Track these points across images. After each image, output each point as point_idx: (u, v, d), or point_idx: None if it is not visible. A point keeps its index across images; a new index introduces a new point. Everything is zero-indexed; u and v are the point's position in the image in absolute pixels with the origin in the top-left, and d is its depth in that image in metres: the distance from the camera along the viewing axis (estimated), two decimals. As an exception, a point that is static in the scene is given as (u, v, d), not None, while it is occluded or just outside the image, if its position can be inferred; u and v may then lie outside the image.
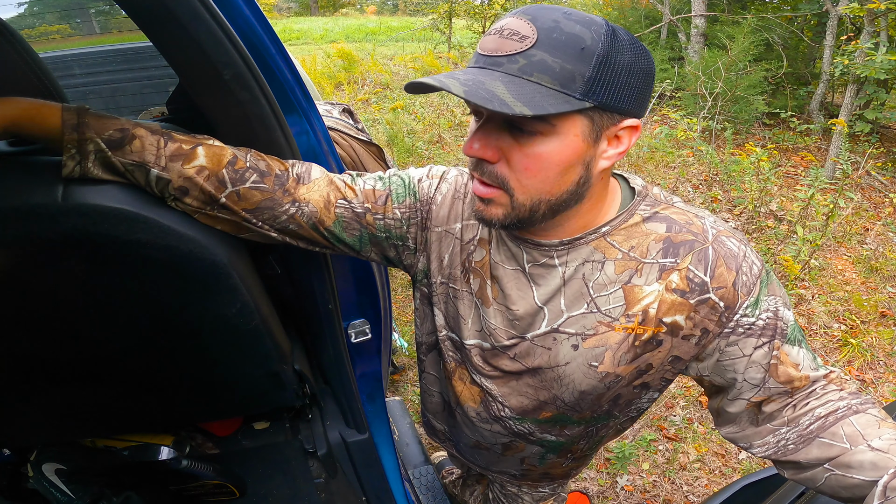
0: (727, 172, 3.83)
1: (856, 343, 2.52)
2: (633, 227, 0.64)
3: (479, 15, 6.80)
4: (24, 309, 0.65)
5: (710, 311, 0.62)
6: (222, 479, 1.07)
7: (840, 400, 0.62)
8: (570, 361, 0.69)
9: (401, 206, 0.74)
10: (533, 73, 0.52)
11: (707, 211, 0.68)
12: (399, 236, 0.76)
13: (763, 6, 5.75)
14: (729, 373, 0.66)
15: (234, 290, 0.75)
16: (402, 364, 2.34)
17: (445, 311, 0.79)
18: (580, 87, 0.52)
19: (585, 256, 0.65)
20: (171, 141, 0.65)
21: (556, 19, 0.52)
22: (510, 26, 0.53)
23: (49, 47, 1.67)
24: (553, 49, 0.51)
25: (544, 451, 0.86)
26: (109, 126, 0.61)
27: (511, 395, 0.77)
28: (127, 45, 1.72)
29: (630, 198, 0.67)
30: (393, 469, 1.21)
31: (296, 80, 0.84)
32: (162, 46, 0.63)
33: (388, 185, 0.75)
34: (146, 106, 1.64)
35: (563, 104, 0.52)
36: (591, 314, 0.66)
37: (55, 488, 0.94)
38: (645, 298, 0.63)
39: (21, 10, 1.68)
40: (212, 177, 0.66)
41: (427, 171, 0.78)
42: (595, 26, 0.52)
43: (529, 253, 0.68)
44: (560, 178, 0.57)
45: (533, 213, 0.60)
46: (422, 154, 4.43)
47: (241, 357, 0.86)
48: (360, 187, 0.74)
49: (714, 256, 0.61)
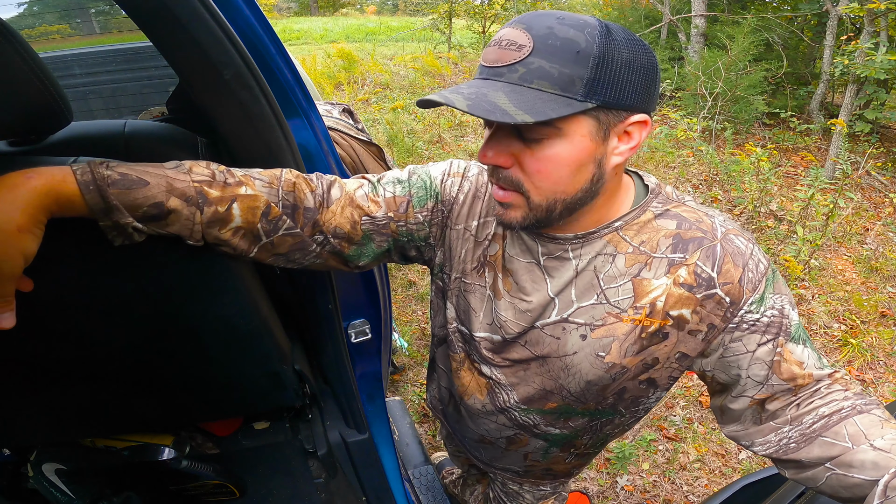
0: (727, 172, 3.83)
1: (856, 343, 2.52)
2: (644, 223, 0.66)
3: (479, 15, 6.80)
4: (23, 309, 0.65)
5: (716, 306, 0.63)
6: (222, 479, 1.07)
7: (844, 400, 0.62)
8: (577, 351, 0.70)
9: (423, 210, 0.75)
10: (533, 81, 0.53)
11: (717, 210, 0.69)
12: (421, 238, 0.77)
13: (763, 6, 5.75)
14: (733, 369, 0.66)
15: (234, 290, 0.75)
16: (402, 364, 2.34)
17: (457, 304, 0.80)
18: (581, 89, 0.53)
19: (598, 250, 0.67)
20: (207, 205, 0.61)
21: (549, 26, 0.53)
22: (507, 37, 0.55)
23: (49, 47, 1.67)
24: (550, 55, 0.53)
25: (548, 444, 0.86)
26: (141, 203, 0.57)
27: (518, 384, 0.78)
28: (127, 45, 1.72)
29: (643, 194, 0.68)
30: (393, 469, 1.21)
31: (296, 80, 0.84)
32: (162, 46, 0.63)
33: (409, 189, 0.74)
34: (146, 106, 1.63)
35: (564, 108, 0.53)
36: (600, 305, 0.67)
37: (55, 488, 0.94)
38: (653, 291, 0.65)
39: (21, 10, 1.68)
40: (247, 234, 0.65)
41: (448, 167, 0.77)
42: (589, 28, 0.53)
43: (545, 245, 0.69)
44: (573, 177, 0.59)
45: (550, 212, 0.61)
46: (422, 154, 4.43)
47: (241, 357, 0.86)
48: (382, 196, 0.73)
49: (722, 253, 0.63)
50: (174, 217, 0.60)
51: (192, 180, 0.61)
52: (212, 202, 0.62)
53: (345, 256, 0.74)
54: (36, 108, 0.64)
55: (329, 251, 0.72)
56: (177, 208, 0.60)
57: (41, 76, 0.62)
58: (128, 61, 1.66)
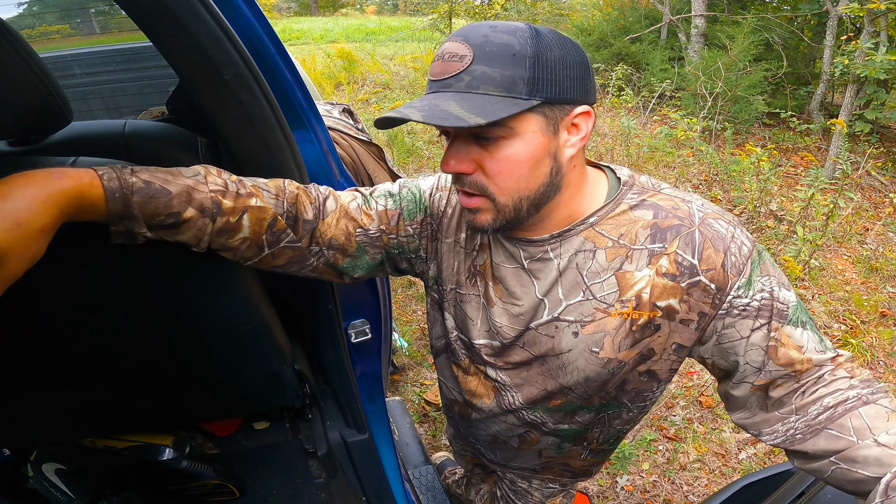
0: (727, 172, 3.84)
1: (856, 343, 2.52)
2: (620, 216, 0.66)
3: (478, 15, 6.80)
4: (23, 309, 0.65)
5: (703, 293, 0.63)
6: (222, 479, 1.07)
7: (850, 389, 0.62)
8: (571, 348, 0.71)
9: (412, 223, 0.77)
10: (479, 87, 0.56)
11: (696, 195, 0.69)
12: (412, 250, 0.79)
13: (763, 6, 5.75)
14: (731, 356, 0.67)
15: (234, 290, 0.75)
16: (402, 364, 2.34)
17: (455, 314, 0.82)
18: (524, 89, 0.56)
19: (577, 247, 0.68)
20: (220, 216, 0.63)
21: (484, 34, 0.56)
22: (449, 50, 0.58)
23: (49, 47, 1.67)
24: (489, 61, 0.56)
25: (560, 440, 0.87)
26: (161, 212, 0.58)
27: (523, 386, 0.79)
28: (127, 45, 1.72)
29: (617, 188, 0.69)
30: (393, 469, 1.21)
31: (296, 80, 0.84)
32: (162, 46, 0.63)
33: (400, 202, 0.77)
34: (146, 106, 1.63)
35: (511, 107, 0.55)
36: (587, 301, 0.68)
37: (55, 488, 0.94)
38: (637, 284, 0.65)
39: (21, 10, 1.68)
40: (252, 245, 0.67)
41: (436, 181, 0.80)
42: (520, 32, 0.56)
43: (525, 250, 0.71)
44: (532, 173, 0.61)
45: (517, 211, 0.63)
46: (422, 154, 4.43)
47: (241, 357, 0.86)
48: (374, 209, 0.76)
49: (701, 239, 0.63)
50: (187, 227, 0.61)
51: (209, 190, 0.62)
52: (224, 213, 0.63)
53: (339, 268, 0.76)
54: (36, 108, 0.64)
55: (324, 263, 0.75)
56: (192, 218, 0.60)
57: (41, 76, 0.62)
58: (128, 61, 1.66)
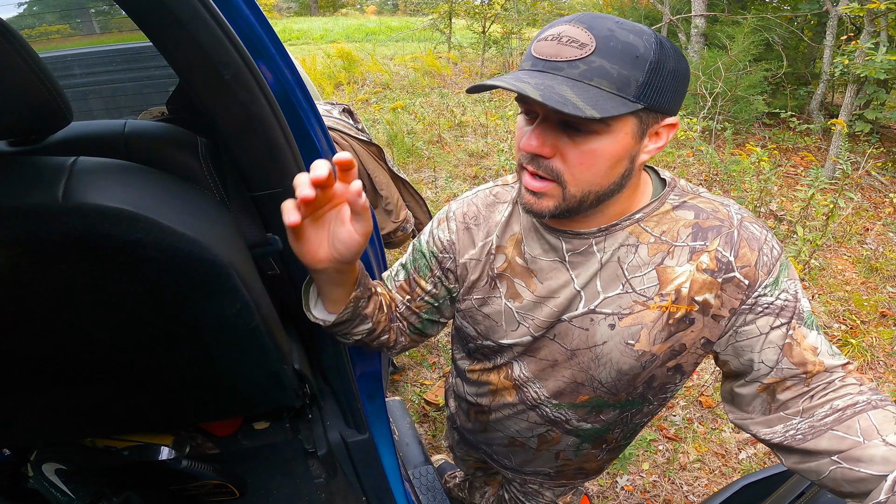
0: (727, 172, 3.84)
1: (856, 343, 2.52)
2: (663, 214, 0.69)
3: (479, 15, 6.80)
4: (23, 309, 0.65)
5: (736, 288, 0.66)
6: (222, 479, 1.07)
7: (860, 394, 0.63)
8: (607, 341, 0.72)
9: (432, 275, 0.83)
10: (593, 78, 0.56)
11: (731, 200, 0.72)
12: (448, 289, 0.84)
13: (763, 6, 5.75)
14: (745, 353, 0.68)
15: (234, 290, 0.75)
16: (402, 364, 2.34)
17: (474, 324, 0.84)
18: (634, 91, 0.56)
19: (621, 241, 0.69)
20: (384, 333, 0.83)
21: (610, 28, 0.56)
22: (567, 34, 0.57)
23: (49, 47, 1.67)
24: (611, 56, 0.55)
25: (580, 441, 0.87)
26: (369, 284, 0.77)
27: (549, 380, 0.80)
28: (127, 45, 1.72)
29: (661, 188, 0.72)
30: (393, 469, 1.21)
31: (296, 80, 0.84)
32: (162, 46, 0.63)
33: (410, 268, 0.85)
34: (146, 106, 1.63)
35: (621, 107, 0.56)
36: (626, 294, 0.70)
37: (55, 488, 0.94)
38: (678, 278, 0.67)
39: (21, 10, 1.68)
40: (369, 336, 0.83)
41: (432, 224, 0.85)
42: (646, 36, 0.57)
43: (570, 242, 0.72)
44: (609, 171, 0.62)
45: (581, 202, 0.64)
46: (422, 154, 4.43)
47: (241, 357, 0.86)
48: (394, 287, 0.87)
49: (738, 238, 0.66)
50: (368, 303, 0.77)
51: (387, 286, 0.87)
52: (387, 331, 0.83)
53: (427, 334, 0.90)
54: (36, 108, 0.64)
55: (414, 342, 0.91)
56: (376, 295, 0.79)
57: (41, 76, 0.62)
58: (128, 61, 1.65)
